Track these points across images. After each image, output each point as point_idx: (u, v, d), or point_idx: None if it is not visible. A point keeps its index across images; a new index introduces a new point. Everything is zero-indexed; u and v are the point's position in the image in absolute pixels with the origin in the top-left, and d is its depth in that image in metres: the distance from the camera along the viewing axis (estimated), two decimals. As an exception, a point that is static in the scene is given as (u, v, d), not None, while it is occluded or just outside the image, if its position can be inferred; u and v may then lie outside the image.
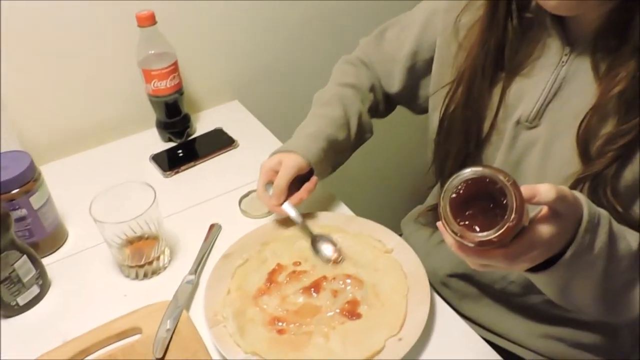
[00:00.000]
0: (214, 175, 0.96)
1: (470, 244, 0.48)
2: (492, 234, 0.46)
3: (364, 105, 0.86)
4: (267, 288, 0.72)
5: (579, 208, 0.52)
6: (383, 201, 1.48)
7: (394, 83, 0.86)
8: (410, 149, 1.33)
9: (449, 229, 0.48)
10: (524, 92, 0.68)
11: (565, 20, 0.64)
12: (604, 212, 0.55)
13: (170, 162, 0.99)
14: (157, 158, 1.00)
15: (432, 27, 0.78)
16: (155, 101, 1.00)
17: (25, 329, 0.71)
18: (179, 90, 1.00)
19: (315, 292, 0.70)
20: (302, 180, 0.79)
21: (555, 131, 0.66)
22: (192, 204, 0.89)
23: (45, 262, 0.77)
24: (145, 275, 0.76)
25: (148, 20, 0.91)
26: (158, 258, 0.77)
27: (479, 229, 0.47)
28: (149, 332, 0.67)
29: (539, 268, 0.54)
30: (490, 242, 0.47)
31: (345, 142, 0.83)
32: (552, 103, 0.66)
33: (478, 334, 0.68)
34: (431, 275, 0.74)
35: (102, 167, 0.99)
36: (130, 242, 0.74)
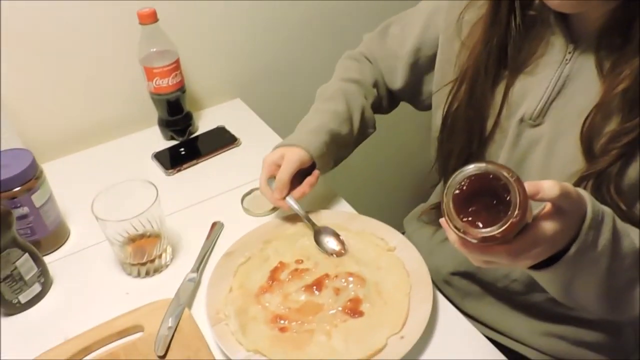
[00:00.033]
0: (216, 173, 0.96)
1: (473, 240, 0.47)
2: (496, 230, 0.46)
3: (367, 101, 0.86)
4: (269, 286, 0.71)
5: (583, 205, 0.52)
6: (386, 199, 1.48)
7: (396, 79, 0.86)
8: (413, 147, 1.33)
9: (452, 225, 0.48)
10: (528, 90, 0.68)
11: (569, 18, 0.64)
12: (607, 209, 0.54)
13: (172, 160, 0.99)
14: (159, 156, 1.00)
15: (434, 25, 0.78)
16: (157, 99, 1.00)
17: (27, 326, 0.71)
18: (181, 88, 1.00)
19: (317, 290, 0.70)
20: (304, 174, 0.79)
21: (559, 129, 0.65)
22: (194, 202, 0.89)
23: (47, 260, 0.77)
24: (147, 273, 0.76)
25: (149, 18, 0.91)
26: (160, 256, 0.76)
27: (482, 225, 0.47)
28: (151, 330, 0.67)
29: (542, 265, 0.53)
30: (493, 238, 0.46)
31: (348, 137, 0.83)
32: (555, 101, 0.66)
33: (480, 332, 0.68)
34: (434, 274, 0.74)
35: (104, 165, 0.99)
36: (132, 240, 0.74)
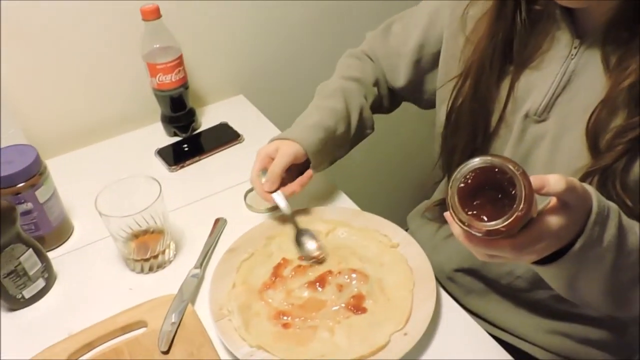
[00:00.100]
0: (219, 169, 0.96)
1: (477, 233, 0.47)
2: (500, 223, 0.46)
3: (366, 100, 0.85)
4: (273, 282, 0.71)
5: (588, 200, 0.51)
6: (389, 196, 1.47)
7: (399, 77, 0.86)
8: (416, 143, 1.32)
9: (457, 218, 0.48)
10: (533, 86, 0.67)
11: (575, 13, 0.64)
12: (613, 205, 0.54)
13: (175, 156, 0.99)
14: (162, 152, 1.00)
15: (439, 21, 0.78)
16: (160, 95, 1.00)
17: (31, 322, 0.71)
18: (184, 84, 0.99)
19: (320, 287, 0.70)
20: (299, 173, 0.79)
21: (564, 124, 0.65)
22: (197, 198, 0.89)
23: (50, 255, 0.77)
24: (150, 269, 0.76)
25: (153, 14, 0.91)
26: (163, 252, 0.76)
27: (487, 219, 0.47)
28: (154, 325, 0.67)
29: (547, 260, 0.53)
30: (498, 232, 0.46)
31: (345, 136, 0.82)
32: (561, 96, 0.65)
33: (484, 329, 0.68)
34: (437, 270, 0.74)
35: (107, 162, 0.99)
36: (135, 236, 0.74)
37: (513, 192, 0.46)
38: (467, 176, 0.48)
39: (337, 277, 0.71)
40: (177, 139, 1.03)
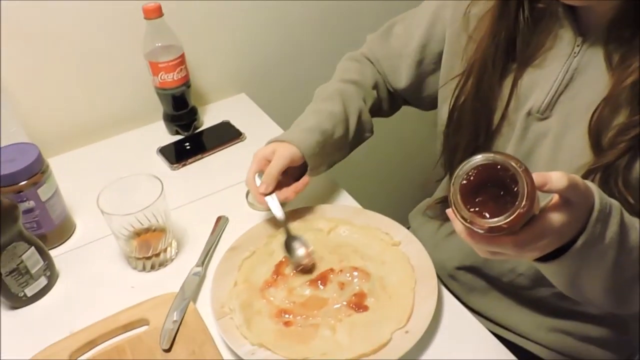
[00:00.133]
0: (221, 168, 0.96)
1: (479, 230, 0.47)
2: (503, 220, 0.46)
3: (365, 103, 0.85)
4: (274, 280, 0.71)
5: (591, 197, 0.51)
6: (391, 194, 1.47)
7: (401, 79, 0.85)
8: (418, 141, 1.32)
9: (459, 215, 0.48)
10: (535, 84, 0.67)
11: (578, 11, 0.64)
12: (615, 202, 0.54)
13: (177, 154, 0.99)
14: (164, 151, 1.00)
15: (441, 20, 0.77)
16: (162, 94, 1.00)
17: (33, 320, 0.72)
18: (186, 82, 0.99)
19: (322, 285, 0.70)
20: (297, 177, 0.78)
21: (567, 122, 0.65)
22: (199, 197, 0.89)
23: (53, 253, 0.77)
24: (152, 267, 0.76)
25: (155, 13, 0.91)
26: (165, 250, 0.77)
27: (489, 216, 0.47)
28: (156, 323, 0.67)
29: (549, 257, 0.53)
30: (500, 229, 0.46)
31: (343, 139, 0.81)
32: (563, 94, 0.65)
33: (486, 327, 0.68)
34: (439, 268, 0.74)
35: (109, 160, 0.99)
36: (137, 234, 0.74)
37: (515, 189, 0.46)
38: (470, 173, 0.48)
39: (338, 275, 0.71)
40: (179, 137, 1.04)
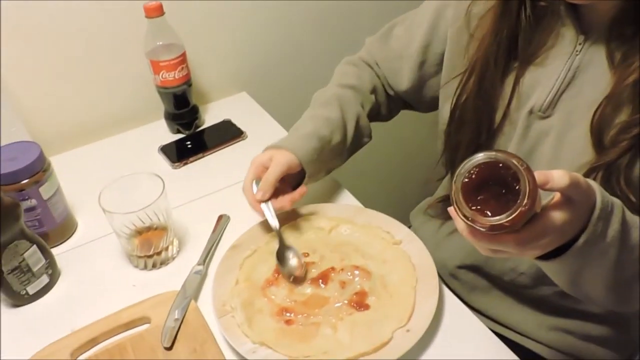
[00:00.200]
0: (223, 166, 0.96)
1: (481, 228, 0.47)
2: (504, 218, 0.46)
3: (363, 108, 0.84)
4: (275, 279, 0.71)
5: (592, 195, 0.51)
6: (392, 193, 1.47)
7: (402, 81, 0.84)
8: (419, 140, 1.32)
9: (460, 213, 0.48)
10: (537, 82, 0.67)
11: (580, 9, 0.63)
12: (617, 200, 0.54)
13: (178, 153, 0.99)
14: (165, 149, 1.00)
15: (443, 20, 0.77)
16: (163, 92, 1.00)
17: (35, 318, 0.72)
18: (187, 81, 0.99)
19: (323, 283, 0.70)
20: (295, 184, 0.78)
21: (569, 121, 0.65)
22: (200, 195, 0.89)
23: (54, 252, 0.77)
24: (153, 266, 0.77)
25: (156, 11, 0.91)
26: (167, 248, 0.77)
27: (490, 214, 0.47)
28: (158, 321, 0.67)
29: (550, 256, 0.53)
30: (501, 227, 0.46)
31: (341, 146, 0.81)
32: (565, 93, 0.65)
33: (487, 326, 0.68)
34: (440, 267, 0.74)
35: (111, 158, 0.99)
36: (139, 232, 0.74)
37: (517, 187, 0.46)
38: (471, 171, 0.48)
39: (339, 274, 0.71)
40: (180, 136, 1.04)
